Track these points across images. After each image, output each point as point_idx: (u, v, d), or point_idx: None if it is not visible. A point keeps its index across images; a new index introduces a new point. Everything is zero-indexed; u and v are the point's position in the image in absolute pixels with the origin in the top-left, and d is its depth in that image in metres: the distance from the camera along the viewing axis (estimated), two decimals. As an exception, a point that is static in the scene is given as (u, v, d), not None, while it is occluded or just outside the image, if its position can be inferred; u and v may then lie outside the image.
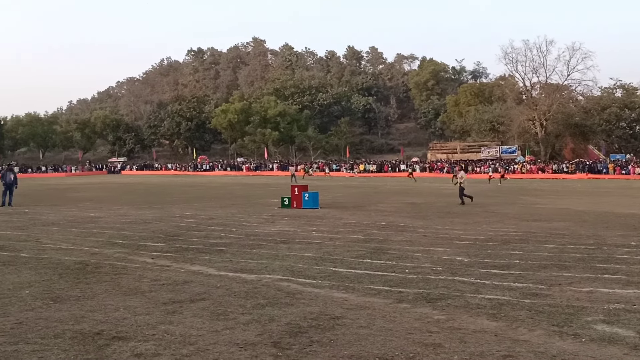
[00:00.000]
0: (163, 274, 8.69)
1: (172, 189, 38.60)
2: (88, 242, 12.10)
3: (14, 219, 17.60)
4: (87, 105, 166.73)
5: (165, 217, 17.59)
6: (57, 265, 9.37)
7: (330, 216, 17.85)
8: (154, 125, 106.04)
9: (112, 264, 9.48)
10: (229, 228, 14.66)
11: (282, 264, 9.44)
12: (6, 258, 10.15)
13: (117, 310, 6.53)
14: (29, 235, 13.46)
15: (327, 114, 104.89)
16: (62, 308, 6.65)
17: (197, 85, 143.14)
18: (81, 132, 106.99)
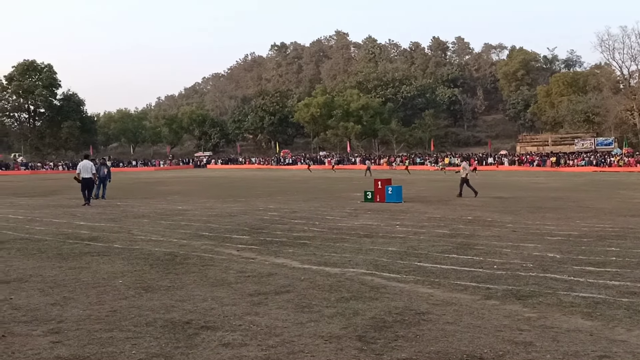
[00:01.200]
0: (248, 266, 8.89)
1: (255, 182, 39.38)
2: (177, 234, 12.54)
3: (107, 211, 18.48)
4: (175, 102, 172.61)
5: (250, 211, 17.97)
6: (148, 256, 9.76)
7: (414, 210, 17.69)
8: (238, 120, 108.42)
9: (199, 256, 9.79)
10: (312, 221, 14.80)
11: (365, 258, 9.44)
12: (101, 249, 10.68)
13: (205, 301, 6.74)
14: (122, 227, 14.10)
15: (411, 106, 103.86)
16: (153, 297, 6.93)
17: (280, 79, 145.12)
18: (169, 128, 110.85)
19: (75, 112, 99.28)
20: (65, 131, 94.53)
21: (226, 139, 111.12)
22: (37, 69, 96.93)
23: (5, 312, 6.31)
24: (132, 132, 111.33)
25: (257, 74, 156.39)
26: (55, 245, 11.08)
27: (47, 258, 9.75)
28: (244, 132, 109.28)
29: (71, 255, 9.95)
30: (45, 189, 34.08)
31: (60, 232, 13.10)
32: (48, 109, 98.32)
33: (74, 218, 16.32)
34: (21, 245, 11.22)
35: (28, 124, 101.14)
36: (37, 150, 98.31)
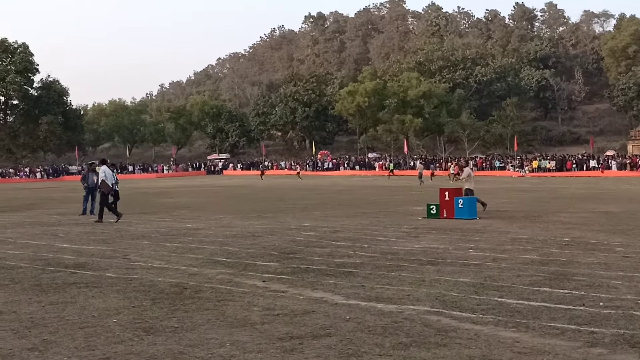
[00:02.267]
0: (277, 301, 8.91)
1: (285, 193, 39.55)
2: (185, 260, 12.67)
3: (97, 230, 18.77)
4: (182, 90, 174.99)
5: (279, 229, 18.03)
6: (149, 288, 9.88)
7: (492, 229, 17.52)
8: (263, 113, 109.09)
9: (214, 288, 9.86)
10: (359, 244, 14.77)
11: (429, 292, 9.39)
12: (90, 278, 10.84)
13: (222, 346, 6.78)
14: (116, 250, 14.30)
15: (488, 93, 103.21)
16: (157, 341, 7.00)
17: (316, 60, 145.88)
18: (175, 123, 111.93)
19: (57, 104, 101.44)
20: (44, 128, 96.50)
21: (248, 138, 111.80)
22: (9, 49, 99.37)
23: (-29, 359, 6.45)
24: (128, 129, 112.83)
25: (287, 54, 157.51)
26: (33, 274, 11.29)
27: (22, 290, 9.93)
28: (271, 129, 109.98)
29: (52, 287, 10.12)
30: (20, 202, 34.83)
31: (38, 257, 13.35)
32: (23, 100, 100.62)
33: (56, 239, 16.62)
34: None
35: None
36: (9, 152, 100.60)
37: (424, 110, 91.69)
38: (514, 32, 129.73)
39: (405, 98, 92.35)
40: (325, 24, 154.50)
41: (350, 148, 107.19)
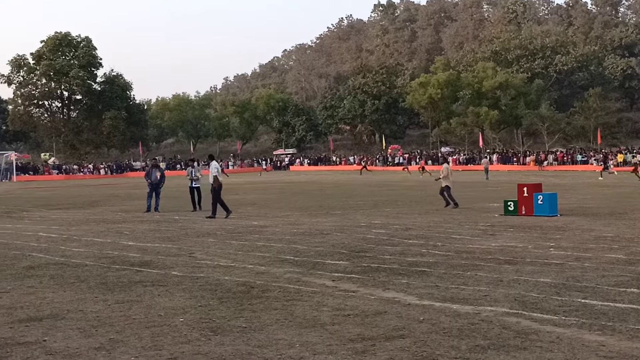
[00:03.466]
0: (348, 301, 8.94)
1: (355, 189, 39.59)
2: (252, 259, 12.81)
3: (162, 227, 19.12)
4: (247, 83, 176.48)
5: (348, 227, 18.07)
6: (215, 287, 10.02)
7: (574, 227, 17.24)
8: (331, 106, 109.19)
9: (282, 287, 9.94)
10: (432, 242, 14.71)
11: (508, 292, 9.29)
12: (155, 277, 11.06)
13: (291, 347, 6.84)
14: (181, 248, 14.55)
15: (569, 83, 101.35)
16: (224, 341, 7.10)
17: (386, 51, 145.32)
18: (239, 117, 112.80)
19: (120, 98, 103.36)
20: (107, 123, 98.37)
21: (315, 132, 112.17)
22: (72, 43, 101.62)
23: (38, 359, 6.65)
24: (192, 123, 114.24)
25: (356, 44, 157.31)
26: (98, 272, 11.58)
27: (88, 288, 10.20)
28: (339, 122, 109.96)
29: (118, 285, 10.36)
30: (84, 199, 35.69)
31: (103, 255, 13.68)
32: (86, 95, 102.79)
33: (121, 237, 17.00)
34: (55, 271, 11.80)
35: (61, 115, 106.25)
36: (73, 148, 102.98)
37: (500, 102, 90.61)
38: (597, 19, 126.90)
39: (480, 89, 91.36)
40: (395, 13, 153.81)
41: (422, 142, 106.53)
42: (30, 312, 8.65)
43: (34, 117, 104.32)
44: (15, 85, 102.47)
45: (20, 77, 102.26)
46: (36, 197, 40.24)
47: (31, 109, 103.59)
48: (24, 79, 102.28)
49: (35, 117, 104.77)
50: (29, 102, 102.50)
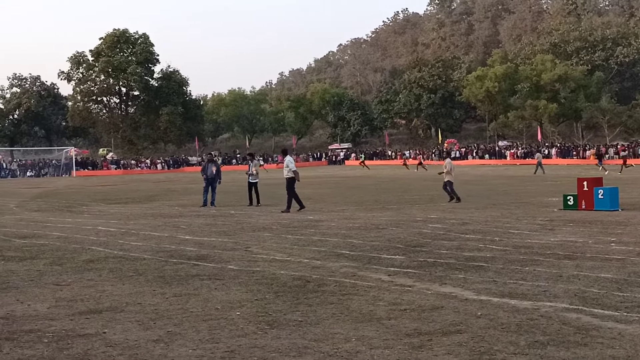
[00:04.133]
0: (404, 296, 8.92)
1: (411, 183, 39.45)
2: (307, 253, 12.86)
3: (218, 222, 19.31)
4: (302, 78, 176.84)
5: (403, 221, 18.03)
6: (271, 281, 10.09)
7: (637, 221, 16.92)
8: (386, 101, 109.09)
9: (338, 282, 9.96)
10: (489, 237, 14.60)
11: (567, 288, 9.17)
12: (212, 270, 11.17)
13: (348, 341, 6.84)
14: (237, 242, 14.67)
15: (630, 75, 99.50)
16: (281, 335, 7.15)
17: (442, 44, 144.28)
18: (295, 112, 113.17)
19: (177, 94, 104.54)
20: (164, 119, 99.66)
21: (370, 127, 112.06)
22: (130, 40, 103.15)
23: (97, 350, 6.77)
24: (248, 118, 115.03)
25: (412, 38, 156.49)
26: (156, 266, 11.75)
27: (146, 282, 10.36)
28: (394, 117, 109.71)
29: (175, 279, 10.50)
30: (142, 194, 36.21)
31: (161, 249, 13.88)
32: (143, 91, 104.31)
33: (178, 231, 17.21)
34: (114, 265, 12.01)
35: (119, 111, 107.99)
36: (131, 144, 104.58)
37: (559, 95, 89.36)
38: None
39: (538, 82, 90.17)
40: (452, 6, 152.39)
41: (479, 136, 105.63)
42: (90, 305, 8.82)
43: (93, 113, 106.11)
44: (74, 82, 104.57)
45: (80, 73, 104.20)
46: (95, 191, 40.97)
47: (90, 105, 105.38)
48: (83, 75, 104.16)
49: (94, 113, 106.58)
50: (88, 98, 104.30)
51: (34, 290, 9.86)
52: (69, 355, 6.61)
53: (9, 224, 20.26)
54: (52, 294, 9.55)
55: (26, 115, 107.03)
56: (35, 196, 36.67)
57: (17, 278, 10.87)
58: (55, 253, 13.64)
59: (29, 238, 16.36)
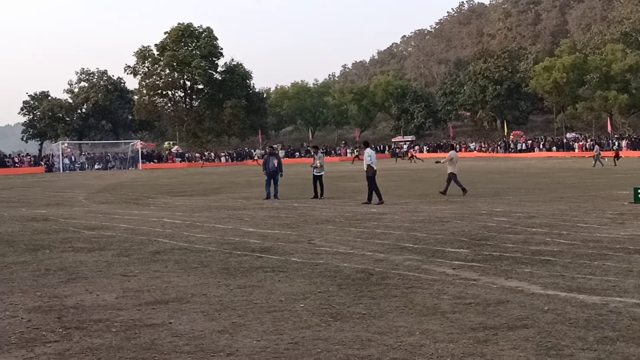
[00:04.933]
0: (469, 289, 8.88)
1: (475, 176, 39.04)
2: (370, 246, 12.86)
3: (282, 214, 19.43)
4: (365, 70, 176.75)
5: (468, 215, 17.89)
6: (335, 274, 10.13)
7: None
8: (451, 92, 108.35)
9: (402, 275, 9.96)
10: (557, 230, 14.39)
11: (637, 283, 9.02)
12: (275, 262, 11.27)
13: (411, 335, 6.85)
14: (300, 235, 14.76)
15: None
16: (344, 327, 7.18)
17: (508, 34, 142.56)
18: (358, 105, 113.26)
19: (240, 87, 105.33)
20: (228, 112, 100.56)
21: (434, 119, 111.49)
22: (194, 34, 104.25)
23: (164, 340, 6.91)
24: (311, 111, 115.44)
25: (477, 29, 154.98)
26: (220, 258, 11.90)
27: (210, 273, 10.50)
28: (458, 109, 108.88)
29: (240, 271, 10.62)
30: (206, 187, 36.62)
31: (225, 241, 14.05)
32: (207, 84, 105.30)
33: (242, 223, 17.38)
34: (180, 256, 12.20)
35: (184, 104, 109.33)
36: (195, 137, 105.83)
37: (630, 86, 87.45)
38: None
39: (608, 72, 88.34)
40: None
41: (545, 128, 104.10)
42: (156, 295, 8.99)
43: (158, 106, 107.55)
44: (140, 76, 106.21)
45: (145, 67, 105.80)
46: (160, 184, 41.57)
47: (155, 98, 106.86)
48: (148, 69, 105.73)
49: (159, 106, 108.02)
50: (154, 92, 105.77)
51: (102, 281, 10.09)
52: (136, 344, 6.76)
53: (78, 216, 20.74)
54: (119, 285, 9.76)
55: (94, 109, 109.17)
56: (103, 189, 37.42)
57: (86, 269, 11.14)
58: (123, 244, 13.93)
59: (97, 230, 16.73)
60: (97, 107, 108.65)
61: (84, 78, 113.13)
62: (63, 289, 9.56)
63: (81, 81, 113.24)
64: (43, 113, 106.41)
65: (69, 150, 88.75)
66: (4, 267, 11.48)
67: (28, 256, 12.66)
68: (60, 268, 11.25)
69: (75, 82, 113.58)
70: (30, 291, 9.48)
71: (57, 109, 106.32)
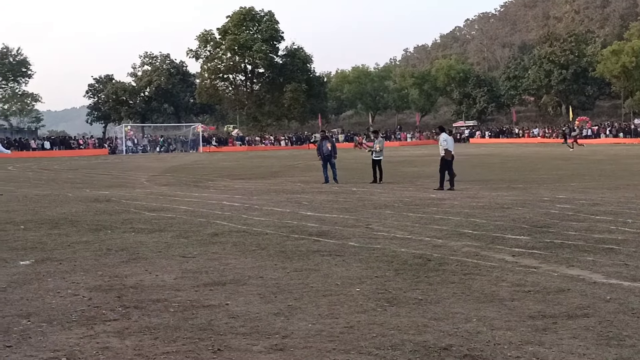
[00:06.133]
0: (528, 277, 8.77)
1: (538, 162, 38.57)
2: (429, 231, 12.79)
3: (340, 198, 19.45)
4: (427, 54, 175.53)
5: (530, 201, 17.66)
6: (392, 259, 10.10)
7: None
8: (514, 77, 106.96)
9: (460, 261, 9.88)
10: (621, 218, 14.11)
11: None
12: (332, 247, 11.28)
13: (468, 321, 6.79)
14: (358, 219, 14.75)
15: None
16: (400, 312, 7.16)
17: (575, 18, 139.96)
18: (419, 89, 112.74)
19: (301, 71, 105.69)
20: (288, 96, 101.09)
21: (497, 104, 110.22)
22: (256, 18, 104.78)
23: (220, 321, 6.98)
24: (371, 95, 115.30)
25: (543, 12, 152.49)
26: (278, 241, 11.96)
27: (267, 256, 10.56)
28: (522, 93, 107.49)
29: (296, 254, 10.66)
30: (265, 170, 36.88)
31: (283, 224, 14.11)
32: (268, 68, 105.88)
33: (300, 207, 17.44)
34: (237, 239, 12.30)
35: (244, 88, 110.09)
36: (255, 120, 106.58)
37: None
38: None
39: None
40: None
41: (612, 113, 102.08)
42: (214, 277, 9.08)
43: (219, 90, 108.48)
44: (202, 60, 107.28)
45: (207, 51, 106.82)
46: (220, 167, 41.98)
47: (217, 82, 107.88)
48: (210, 53, 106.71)
49: (221, 90, 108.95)
50: (215, 75, 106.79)
51: (161, 262, 10.24)
52: (193, 325, 6.84)
53: (139, 197, 21.06)
54: (178, 266, 9.89)
55: (156, 92, 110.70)
56: (164, 171, 37.94)
57: (147, 249, 11.31)
58: (182, 226, 14.10)
59: (158, 211, 16.96)
60: (160, 91, 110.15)
61: (147, 62, 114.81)
62: (123, 269, 9.73)
63: (144, 65, 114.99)
64: (107, 96, 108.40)
65: (131, 133, 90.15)
66: (67, 247, 11.72)
67: (91, 236, 12.91)
68: (121, 248, 11.44)
69: (139, 65, 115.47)
70: (92, 270, 9.66)
71: (120, 92, 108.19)
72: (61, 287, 8.64)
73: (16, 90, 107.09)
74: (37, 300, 7.94)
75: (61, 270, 9.73)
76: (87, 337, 6.53)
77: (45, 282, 8.92)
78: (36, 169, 43.19)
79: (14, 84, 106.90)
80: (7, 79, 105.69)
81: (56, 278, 9.19)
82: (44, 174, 37.06)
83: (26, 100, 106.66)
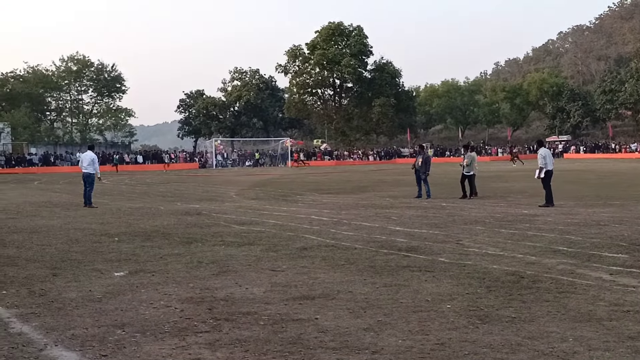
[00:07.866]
0: (627, 296, 8.52)
1: (636, 178, 37.52)
2: (521, 248, 12.56)
3: (429, 214, 19.30)
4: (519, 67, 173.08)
5: (628, 218, 17.17)
6: (483, 275, 9.95)
7: None
8: (610, 90, 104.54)
9: (554, 279, 9.67)
10: None
11: None
12: (422, 262, 11.19)
13: (564, 341, 6.63)
14: (448, 235, 14.60)
15: None
16: (493, 330, 7.04)
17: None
18: (510, 103, 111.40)
19: (390, 86, 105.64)
20: (376, 111, 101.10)
21: (592, 118, 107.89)
22: (344, 33, 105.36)
23: (310, 335, 6.99)
24: (461, 110, 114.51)
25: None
26: (367, 256, 11.93)
27: (357, 271, 10.55)
28: (619, 107, 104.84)
29: (386, 269, 10.61)
30: (353, 184, 36.92)
31: (372, 239, 14.08)
32: (356, 82, 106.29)
33: (389, 222, 17.38)
34: (326, 253, 12.32)
35: (333, 102, 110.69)
36: (343, 135, 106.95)
37: None
38: None
39: None
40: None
41: None
42: (303, 291, 9.12)
43: (308, 104, 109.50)
44: (291, 75, 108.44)
45: (296, 66, 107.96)
46: (309, 181, 42.21)
47: (305, 97, 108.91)
48: (299, 68, 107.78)
49: (309, 104, 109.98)
50: (303, 90, 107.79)
51: (251, 275, 10.34)
52: (282, 338, 6.87)
53: (229, 211, 21.35)
54: (268, 279, 9.97)
55: (246, 107, 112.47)
56: (253, 185, 38.40)
57: (236, 262, 11.45)
58: (271, 240, 14.22)
59: (247, 225, 17.16)
60: (249, 105, 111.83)
61: (237, 77, 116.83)
62: (214, 282, 9.86)
63: (234, 80, 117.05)
64: (198, 111, 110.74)
65: (221, 147, 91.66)
66: (159, 259, 11.96)
67: (182, 249, 13.16)
68: (212, 261, 11.61)
69: (229, 81, 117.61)
70: (184, 282, 9.83)
71: (211, 107, 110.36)
72: (154, 298, 8.82)
73: (110, 106, 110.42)
74: (131, 311, 8.12)
75: (154, 281, 9.93)
76: (179, 347, 6.64)
77: (139, 293, 9.12)
78: (129, 182, 44.32)
79: (108, 99, 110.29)
80: (102, 95, 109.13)
81: (149, 289, 9.39)
82: (137, 188, 37.98)
83: (120, 115, 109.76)
